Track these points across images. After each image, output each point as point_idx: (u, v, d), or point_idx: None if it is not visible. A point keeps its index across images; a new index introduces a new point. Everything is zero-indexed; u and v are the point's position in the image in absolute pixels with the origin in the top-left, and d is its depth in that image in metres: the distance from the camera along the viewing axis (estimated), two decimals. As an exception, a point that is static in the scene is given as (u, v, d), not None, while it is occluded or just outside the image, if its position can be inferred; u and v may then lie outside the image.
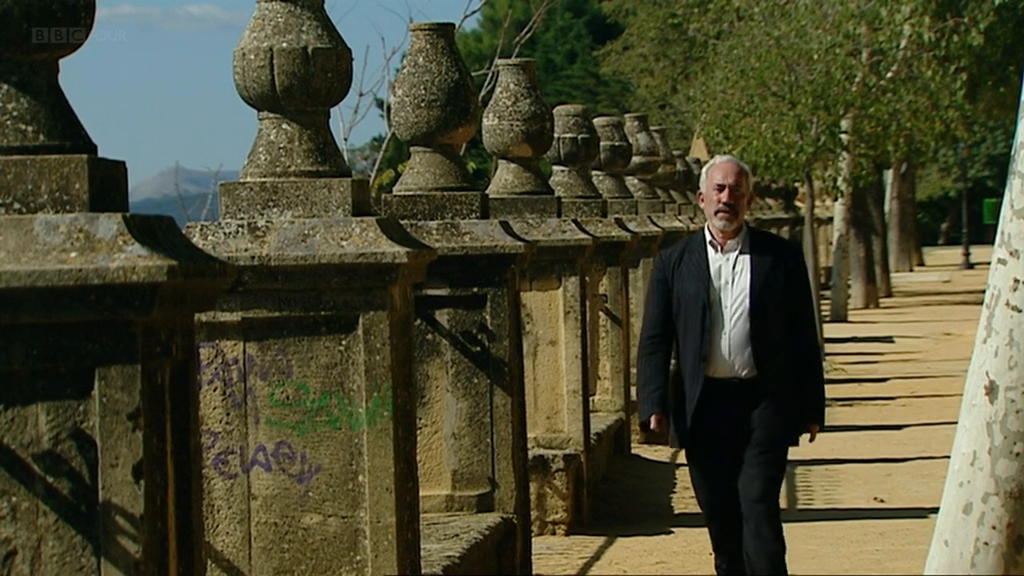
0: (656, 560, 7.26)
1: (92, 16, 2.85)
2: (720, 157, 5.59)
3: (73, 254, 2.72)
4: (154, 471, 2.78)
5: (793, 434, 5.51)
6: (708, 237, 5.52)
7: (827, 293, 22.47)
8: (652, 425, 5.44)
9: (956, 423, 4.55)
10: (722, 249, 5.49)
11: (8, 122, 2.84)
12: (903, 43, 18.29)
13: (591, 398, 9.22)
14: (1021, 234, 4.29)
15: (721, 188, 5.47)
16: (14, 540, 2.75)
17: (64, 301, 2.71)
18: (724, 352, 5.41)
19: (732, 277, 5.46)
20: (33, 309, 2.72)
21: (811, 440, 5.55)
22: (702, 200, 5.54)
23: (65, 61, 2.90)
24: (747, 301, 5.42)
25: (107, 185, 2.84)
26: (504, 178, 7.88)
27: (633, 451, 10.08)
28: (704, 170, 5.57)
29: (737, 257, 5.48)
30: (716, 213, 5.47)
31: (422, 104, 6.00)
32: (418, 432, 5.48)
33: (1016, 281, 4.32)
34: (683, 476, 8.75)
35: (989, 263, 4.54)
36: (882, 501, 8.58)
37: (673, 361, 5.56)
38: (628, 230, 10.28)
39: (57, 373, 2.75)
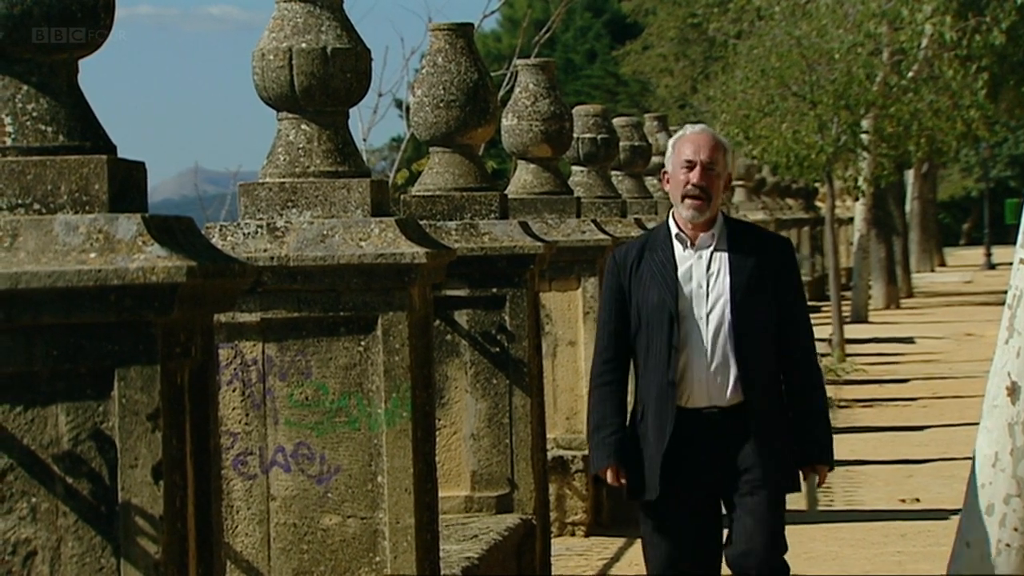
0: (676, 561, 7.23)
1: (111, 17, 2.85)
2: (690, 127, 4.42)
3: (93, 255, 2.72)
4: (174, 472, 2.78)
5: (794, 476, 4.38)
6: (674, 229, 4.35)
7: (848, 294, 22.39)
8: (608, 479, 4.34)
9: (978, 424, 4.53)
10: (692, 244, 4.33)
11: (28, 123, 2.84)
12: (924, 42, 18.22)
13: (611, 399, 9.19)
14: (1044, 234, 4.26)
15: (691, 165, 4.29)
16: (34, 540, 2.75)
17: (84, 302, 2.72)
18: (701, 375, 4.27)
19: (707, 280, 4.31)
20: (53, 310, 2.72)
21: (819, 484, 4.43)
22: (666, 182, 4.38)
23: (84, 62, 2.91)
24: (728, 309, 4.27)
25: (127, 186, 2.84)
26: (523, 178, 7.87)
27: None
28: (671, 143, 4.40)
29: (712, 254, 4.32)
30: (684, 199, 4.29)
31: (441, 104, 6.00)
32: (437, 433, 5.48)
33: (1039, 281, 4.29)
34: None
35: (1011, 263, 4.51)
36: (917, 500, 8.55)
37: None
38: (648, 230, 10.25)
39: (77, 374, 2.75)
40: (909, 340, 18.98)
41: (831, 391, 13.35)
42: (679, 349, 4.28)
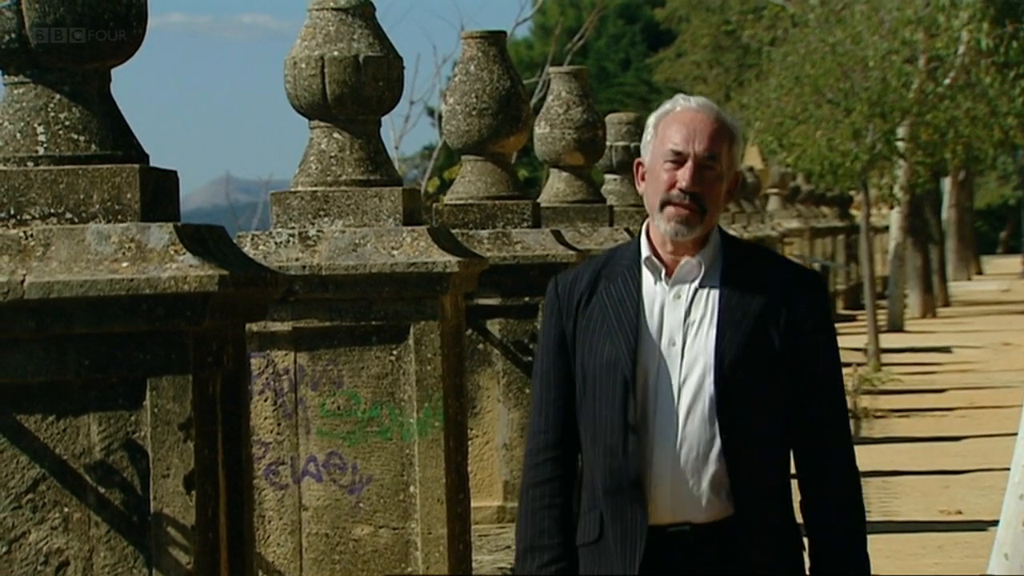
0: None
1: (144, 25, 2.86)
2: (683, 99, 2.91)
3: (125, 264, 2.72)
4: (205, 482, 2.78)
5: None
6: (645, 251, 2.89)
7: (884, 302, 22.27)
8: None
9: (1015, 434, 4.47)
10: (668, 273, 2.86)
11: (61, 132, 2.85)
12: (961, 49, 18.10)
13: (644, 408, 9.15)
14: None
15: (679, 159, 2.84)
16: (67, 550, 2.75)
17: (116, 311, 2.72)
18: (667, 475, 2.79)
19: (683, 332, 2.82)
20: (85, 319, 2.72)
21: None
22: (641, 178, 2.92)
23: (116, 70, 2.91)
24: (710, 380, 2.79)
25: (159, 194, 2.84)
26: (556, 187, 7.86)
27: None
28: (651, 120, 2.94)
29: (696, 293, 2.84)
30: (664, 206, 2.84)
31: (473, 112, 5.99)
32: (469, 443, 5.46)
33: (1079, 291, 4.24)
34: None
35: (1050, 272, 4.45)
36: (959, 512, 8.48)
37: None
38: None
39: (109, 383, 2.75)
40: (946, 349, 18.84)
41: (866, 401, 13.29)
42: (636, 431, 2.78)
